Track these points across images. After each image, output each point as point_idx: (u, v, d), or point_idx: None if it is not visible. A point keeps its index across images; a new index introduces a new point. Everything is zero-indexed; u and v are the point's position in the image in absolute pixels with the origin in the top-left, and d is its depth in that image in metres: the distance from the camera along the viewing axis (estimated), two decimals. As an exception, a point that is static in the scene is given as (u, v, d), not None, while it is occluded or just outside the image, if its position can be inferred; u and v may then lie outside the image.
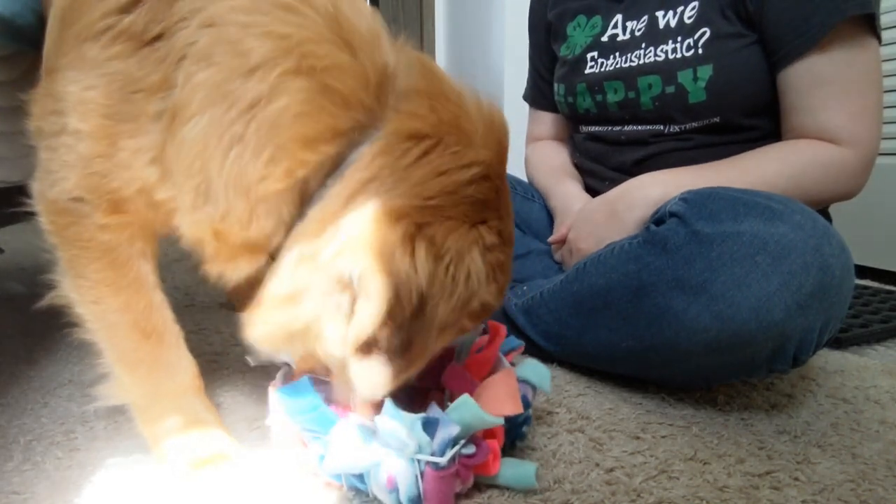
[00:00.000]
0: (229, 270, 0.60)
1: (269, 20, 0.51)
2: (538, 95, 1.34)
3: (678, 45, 0.97)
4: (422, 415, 0.57)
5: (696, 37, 0.95)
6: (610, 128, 1.11)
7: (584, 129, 1.17)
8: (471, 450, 0.58)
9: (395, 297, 0.49)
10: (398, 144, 0.51)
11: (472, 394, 0.61)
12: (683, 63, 0.96)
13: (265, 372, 0.93)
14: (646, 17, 1.04)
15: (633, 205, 0.91)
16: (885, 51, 0.92)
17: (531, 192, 1.27)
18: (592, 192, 1.12)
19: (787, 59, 0.90)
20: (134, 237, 0.63)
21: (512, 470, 0.61)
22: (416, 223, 0.50)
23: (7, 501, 0.60)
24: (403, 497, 0.56)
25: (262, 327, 0.56)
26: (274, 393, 0.64)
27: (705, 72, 0.94)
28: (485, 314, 0.57)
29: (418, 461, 0.56)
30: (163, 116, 0.54)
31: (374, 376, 0.53)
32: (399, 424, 0.55)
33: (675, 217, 0.77)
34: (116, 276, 0.62)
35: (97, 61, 0.56)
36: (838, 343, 1.12)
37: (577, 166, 1.23)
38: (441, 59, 3.55)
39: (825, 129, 0.89)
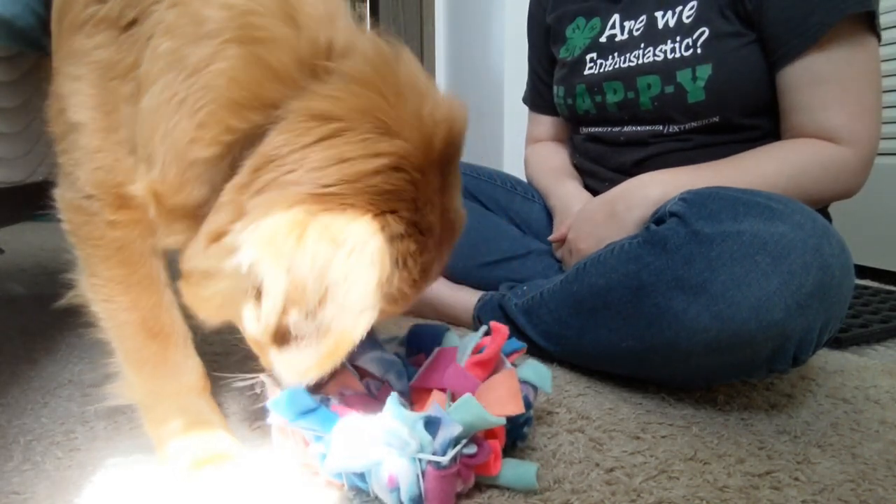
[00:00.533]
0: (167, 235, 0.59)
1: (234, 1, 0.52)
2: (537, 98, 1.34)
3: (677, 45, 0.97)
4: (423, 414, 0.57)
5: (694, 36, 0.95)
6: (609, 129, 1.11)
7: (584, 130, 1.17)
8: (472, 450, 0.58)
9: (293, 285, 0.48)
10: (300, 122, 0.51)
11: (474, 394, 0.61)
12: (682, 63, 0.96)
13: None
14: (644, 17, 1.04)
15: (632, 204, 0.91)
16: (884, 51, 0.92)
17: (531, 193, 1.27)
18: (592, 192, 1.12)
19: (787, 58, 0.90)
20: (144, 234, 0.63)
21: (513, 470, 0.61)
22: (310, 210, 0.49)
23: (7, 501, 0.60)
24: (404, 496, 0.56)
25: (191, 299, 0.57)
26: (274, 393, 0.64)
27: (704, 71, 0.94)
28: (403, 301, 0.56)
29: (420, 460, 0.56)
30: (133, 95, 0.55)
31: (293, 364, 0.53)
32: (401, 423, 0.56)
33: (675, 217, 0.77)
34: (126, 273, 0.63)
35: (83, 51, 0.58)
36: (838, 343, 1.12)
37: (577, 167, 1.23)
38: (441, 59, 3.55)
39: (824, 127, 0.89)
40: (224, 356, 1.00)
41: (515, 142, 1.44)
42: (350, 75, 0.52)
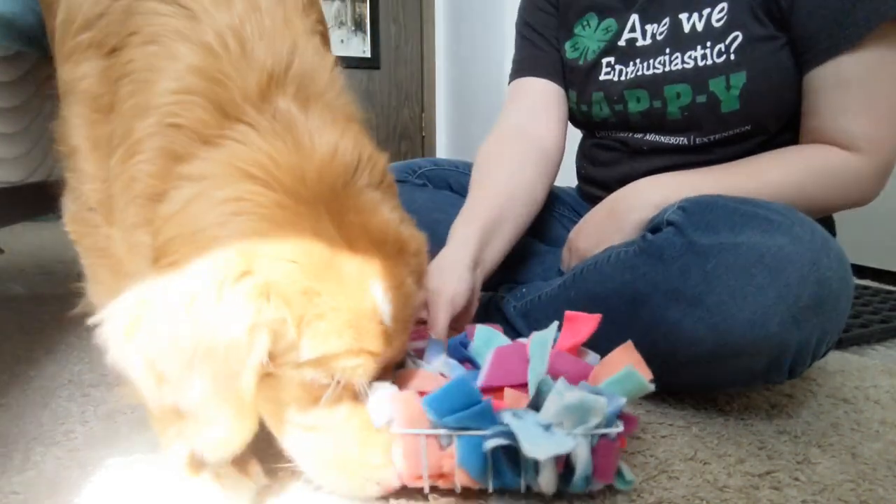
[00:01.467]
0: None
1: (184, 57, 0.54)
2: (531, 62, 1.15)
3: (708, 51, 0.91)
4: (587, 390, 0.59)
5: (727, 42, 0.89)
6: (631, 134, 1.05)
7: (600, 134, 1.11)
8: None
9: (148, 366, 0.49)
10: (175, 192, 0.53)
11: (588, 375, 0.65)
12: (715, 70, 0.91)
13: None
14: (667, 20, 0.96)
15: (633, 206, 0.89)
16: None
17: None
18: (596, 200, 1.03)
19: (817, 60, 0.85)
20: None
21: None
22: (160, 287, 0.49)
23: (7, 501, 0.60)
24: (579, 476, 0.56)
25: None
26: (410, 400, 0.58)
27: (739, 79, 0.89)
28: (388, 334, 0.54)
29: (592, 436, 0.56)
30: (110, 139, 0.58)
31: (206, 439, 0.52)
32: (584, 396, 0.56)
33: (672, 226, 0.76)
34: (128, 285, 0.63)
35: (72, 80, 0.61)
36: (838, 343, 1.12)
37: (581, 175, 1.20)
38: (441, 58, 3.55)
39: (843, 132, 0.85)
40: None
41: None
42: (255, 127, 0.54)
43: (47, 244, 2.20)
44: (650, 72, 0.98)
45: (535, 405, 0.59)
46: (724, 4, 0.91)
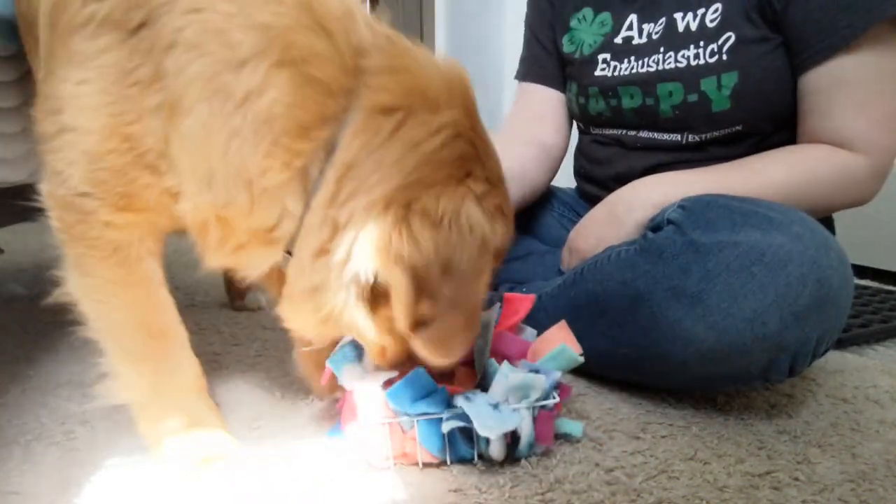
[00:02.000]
0: (243, 263, 0.62)
1: (251, 9, 0.54)
2: (534, 66, 1.20)
3: (701, 51, 0.92)
4: (528, 367, 0.70)
5: (720, 42, 0.91)
6: (625, 131, 1.06)
7: (595, 130, 1.13)
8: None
9: (414, 278, 0.54)
10: (371, 121, 0.54)
11: (527, 351, 0.75)
12: (707, 70, 0.92)
13: (265, 372, 0.93)
14: (663, 20, 0.98)
15: (633, 206, 0.89)
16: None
17: None
18: (594, 199, 1.06)
19: (812, 62, 0.86)
20: (143, 235, 0.63)
21: (564, 424, 0.74)
22: (404, 203, 0.54)
23: (7, 501, 0.60)
24: (524, 443, 0.65)
25: (295, 318, 0.63)
26: (372, 391, 0.65)
27: (730, 79, 0.90)
28: (503, 253, 0.63)
29: (534, 408, 0.66)
30: (162, 108, 0.55)
31: (436, 344, 0.60)
32: (525, 376, 0.66)
33: (673, 225, 0.77)
34: (124, 273, 0.63)
35: (86, 54, 0.57)
36: (838, 343, 1.12)
37: (580, 173, 1.21)
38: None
39: (841, 133, 0.86)
40: (224, 356, 1.00)
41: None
42: (385, 66, 0.56)
43: (47, 244, 2.20)
44: (644, 69, 0.99)
45: (483, 386, 0.70)
46: (719, 5, 0.92)
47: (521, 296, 0.81)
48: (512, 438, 0.66)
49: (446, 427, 0.63)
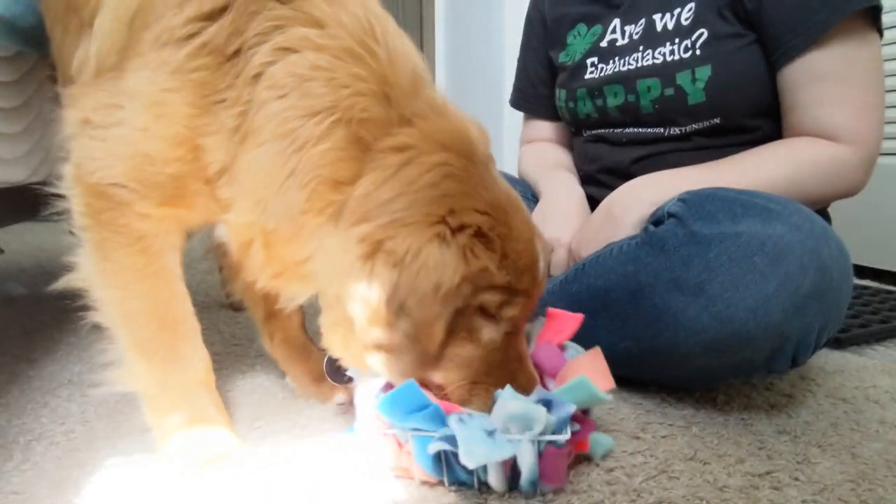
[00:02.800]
0: (281, 289, 0.67)
1: (336, 66, 0.60)
2: (533, 101, 1.32)
3: (676, 47, 0.97)
4: (538, 396, 0.62)
5: (693, 38, 0.95)
6: (611, 130, 1.10)
7: (586, 132, 1.17)
8: (576, 427, 0.63)
9: (371, 311, 0.59)
10: (385, 157, 0.60)
11: (559, 370, 0.70)
12: (681, 64, 0.96)
13: (265, 372, 0.93)
14: (643, 21, 1.03)
15: (629, 205, 0.90)
16: (885, 51, 0.91)
17: (530, 193, 1.26)
18: (592, 200, 1.09)
19: (787, 57, 0.89)
20: (170, 229, 0.65)
21: (594, 443, 0.68)
22: (377, 241, 0.58)
23: (7, 501, 0.60)
24: (525, 479, 0.59)
25: (332, 348, 0.67)
26: (370, 400, 0.64)
27: (704, 73, 0.94)
28: (493, 288, 0.61)
29: (539, 442, 0.59)
30: (238, 132, 0.61)
31: (389, 368, 0.62)
32: (527, 406, 0.59)
33: (673, 217, 0.77)
34: (145, 263, 0.64)
35: (181, 68, 0.60)
36: (838, 343, 1.12)
37: (580, 176, 1.22)
38: (441, 59, 3.55)
39: (825, 126, 0.88)
40: (224, 356, 1.00)
41: (514, 142, 1.45)
42: (423, 129, 0.62)
43: (47, 244, 2.20)
44: (625, 68, 1.04)
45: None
46: (692, 4, 0.96)
47: (568, 314, 0.77)
48: (512, 471, 0.60)
49: (432, 448, 0.59)
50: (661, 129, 1.02)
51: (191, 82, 0.60)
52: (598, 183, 1.12)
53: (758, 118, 0.96)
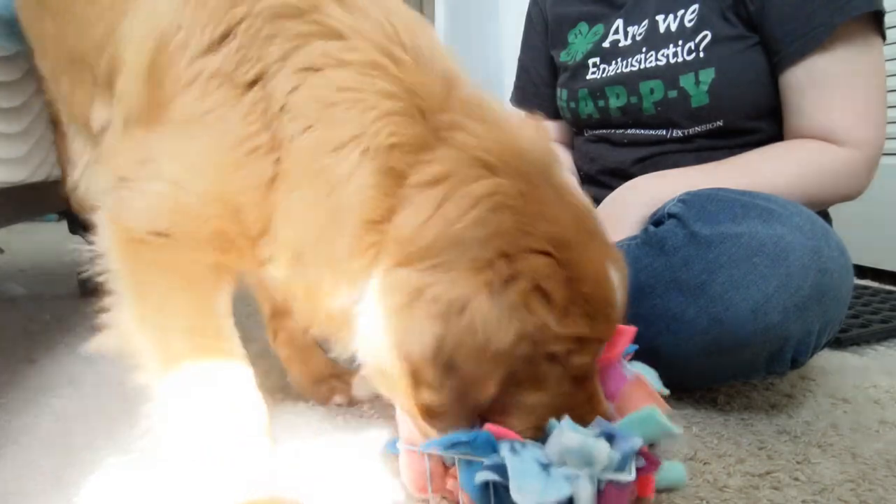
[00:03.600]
0: (331, 338, 0.62)
1: (362, 84, 0.54)
2: (532, 99, 1.31)
3: (679, 49, 0.96)
4: (599, 429, 0.55)
5: (696, 40, 0.94)
6: (613, 131, 1.10)
7: (587, 132, 1.16)
8: (641, 462, 0.55)
9: (411, 369, 0.51)
10: (419, 196, 0.54)
11: (618, 391, 0.63)
12: (685, 67, 0.95)
13: (265, 373, 0.93)
14: (646, 22, 1.03)
15: (628, 207, 0.90)
16: (885, 51, 0.91)
17: None
18: (593, 200, 1.08)
19: (790, 60, 0.88)
20: (219, 272, 0.61)
21: (665, 473, 0.61)
22: (415, 289, 0.51)
23: (7, 501, 0.60)
24: None
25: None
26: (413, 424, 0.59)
27: (707, 75, 0.93)
28: (558, 339, 0.52)
29: (600, 480, 0.52)
30: (275, 180, 0.56)
31: (442, 428, 0.54)
32: (586, 440, 0.52)
33: (674, 218, 0.77)
34: (191, 299, 0.60)
35: (195, 115, 0.56)
36: (838, 343, 1.12)
37: (580, 177, 1.22)
38: (441, 59, 3.54)
39: (827, 129, 0.88)
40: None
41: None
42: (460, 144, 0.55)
43: (47, 244, 2.20)
44: (628, 69, 1.03)
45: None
46: (696, 6, 0.96)
47: (620, 326, 0.67)
48: None
49: (479, 477, 0.53)
50: (664, 132, 1.01)
51: (213, 128, 0.55)
52: (598, 183, 1.12)
53: (760, 120, 0.95)
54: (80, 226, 1.04)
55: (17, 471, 0.65)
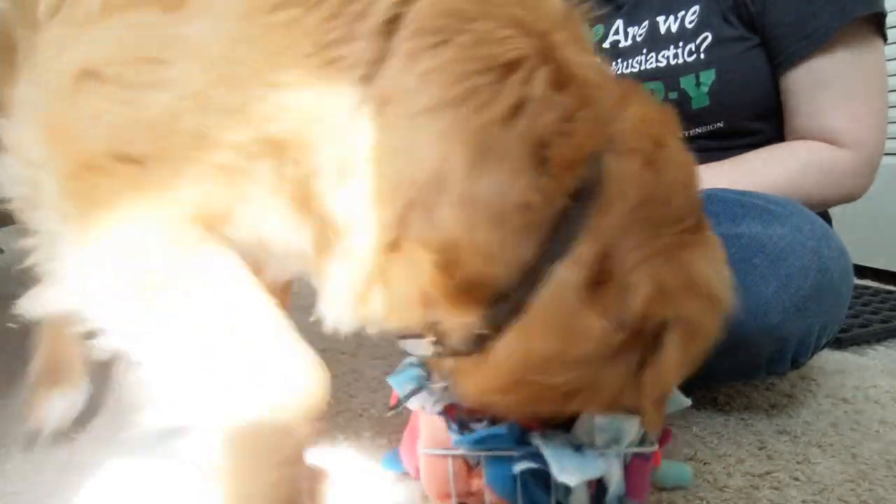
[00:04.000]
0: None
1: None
2: None
3: (680, 51, 0.96)
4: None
5: (697, 41, 0.94)
6: None
7: None
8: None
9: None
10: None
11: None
12: (686, 68, 0.95)
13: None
14: (647, 23, 1.02)
15: None
16: (885, 51, 0.91)
17: None
18: None
19: (790, 62, 0.88)
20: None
21: (671, 469, 0.64)
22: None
23: (7, 501, 0.60)
24: (612, 497, 0.54)
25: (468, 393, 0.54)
26: (436, 421, 0.57)
27: (708, 77, 0.93)
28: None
29: (625, 455, 0.55)
30: (365, 103, 0.43)
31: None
32: (615, 418, 0.54)
33: None
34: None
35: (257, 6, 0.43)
36: (838, 343, 1.12)
37: None
38: (441, 59, 3.53)
39: (828, 131, 0.88)
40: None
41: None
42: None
43: (47, 244, 2.20)
44: (628, 70, 1.03)
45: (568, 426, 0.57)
46: (697, 7, 0.95)
47: None
48: (597, 488, 0.55)
49: (518, 467, 0.53)
50: None
51: (275, 28, 0.42)
52: None
53: (761, 121, 0.95)
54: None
55: (17, 471, 0.65)
